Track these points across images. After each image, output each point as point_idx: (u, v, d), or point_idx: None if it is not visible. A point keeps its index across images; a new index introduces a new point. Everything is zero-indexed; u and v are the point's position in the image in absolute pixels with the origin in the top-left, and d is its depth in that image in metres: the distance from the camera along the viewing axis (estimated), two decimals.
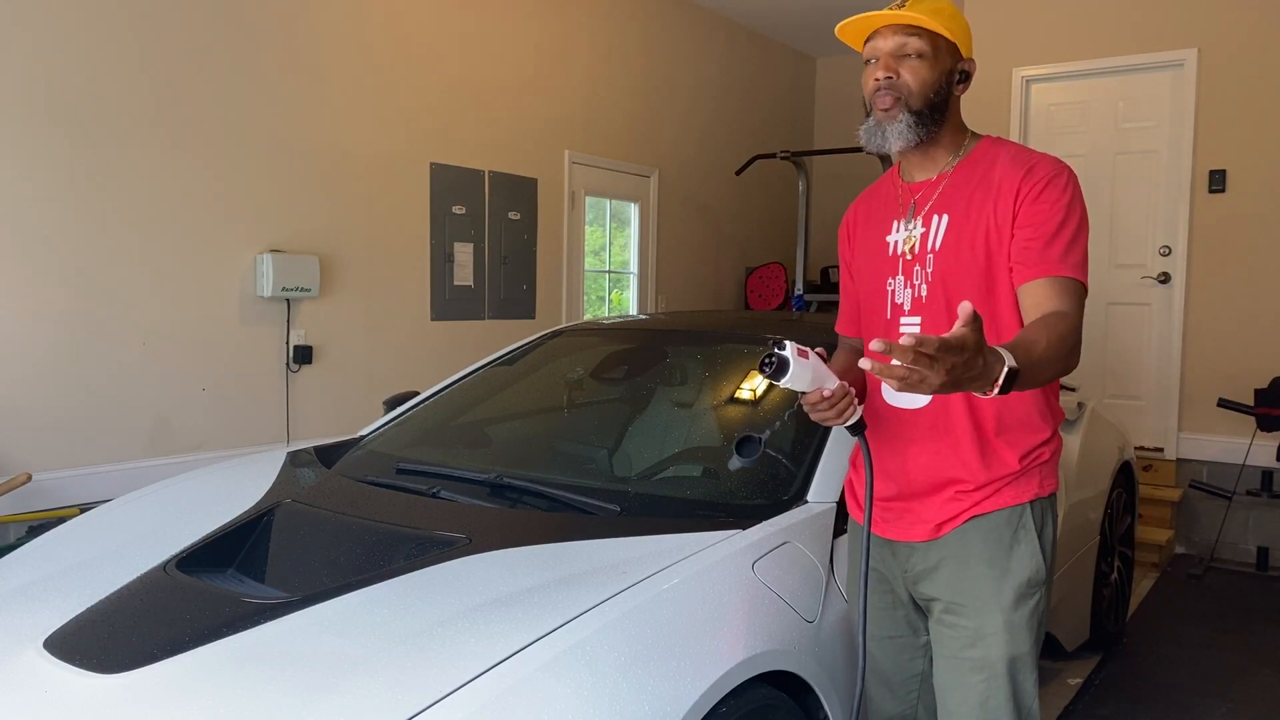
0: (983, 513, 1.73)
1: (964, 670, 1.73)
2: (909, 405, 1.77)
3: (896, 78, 1.69)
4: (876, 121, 1.72)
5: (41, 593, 1.93)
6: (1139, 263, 5.37)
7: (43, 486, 3.70)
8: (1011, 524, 1.72)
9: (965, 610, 1.73)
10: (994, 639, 1.70)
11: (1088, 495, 3.30)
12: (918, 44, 1.69)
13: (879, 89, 1.70)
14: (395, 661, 1.54)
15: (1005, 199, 1.68)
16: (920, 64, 1.69)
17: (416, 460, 2.52)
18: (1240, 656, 3.73)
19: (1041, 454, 1.75)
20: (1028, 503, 1.73)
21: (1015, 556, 1.72)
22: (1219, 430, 5.14)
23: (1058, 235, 1.64)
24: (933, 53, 1.69)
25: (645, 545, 1.90)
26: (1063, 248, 1.63)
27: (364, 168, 4.81)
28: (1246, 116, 5.03)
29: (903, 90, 1.69)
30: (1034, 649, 1.73)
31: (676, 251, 7.09)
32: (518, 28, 5.62)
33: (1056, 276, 1.62)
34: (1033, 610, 1.72)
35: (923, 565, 1.79)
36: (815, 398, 1.60)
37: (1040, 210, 1.65)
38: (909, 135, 1.70)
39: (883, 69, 1.69)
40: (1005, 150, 1.75)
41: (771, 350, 1.54)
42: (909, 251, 1.76)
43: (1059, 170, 1.69)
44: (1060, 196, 1.66)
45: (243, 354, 4.34)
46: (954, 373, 1.27)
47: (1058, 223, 1.64)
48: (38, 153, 3.66)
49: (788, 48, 8.19)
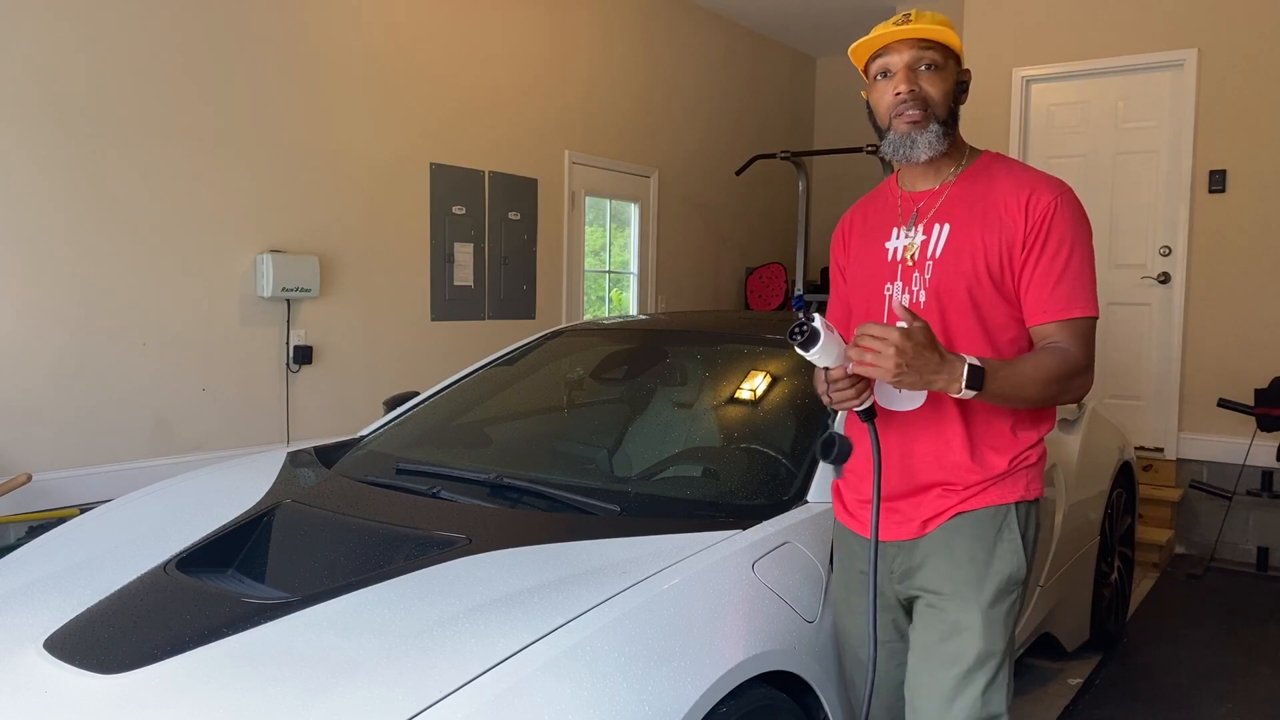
0: (968, 509, 1.76)
1: (936, 664, 1.74)
2: (902, 408, 1.79)
3: (918, 89, 1.73)
4: (902, 134, 1.75)
5: (41, 593, 1.93)
6: (1139, 263, 5.37)
7: (43, 486, 3.69)
8: (996, 521, 1.76)
9: (946, 601, 1.75)
10: (971, 633, 1.72)
11: (1088, 495, 3.30)
12: (933, 55, 1.74)
13: (903, 102, 1.74)
14: (395, 661, 1.54)
15: (1007, 224, 1.73)
16: (936, 74, 1.74)
17: (416, 460, 2.52)
18: (1240, 656, 3.72)
19: (1028, 457, 1.79)
20: (1013, 503, 1.77)
21: (998, 553, 1.75)
22: (1219, 430, 5.14)
23: (1064, 275, 1.71)
24: (944, 61, 1.75)
25: (645, 545, 1.90)
26: (1069, 288, 1.71)
27: (364, 168, 4.81)
28: (1246, 116, 5.03)
29: (927, 101, 1.74)
30: (1008, 652, 1.75)
31: (676, 251, 7.09)
32: (518, 28, 5.62)
33: (1064, 320, 1.71)
34: (1009, 608, 1.75)
35: (909, 563, 1.81)
36: (839, 373, 1.64)
37: (1048, 251, 1.71)
38: (938, 144, 1.75)
39: (904, 83, 1.73)
40: (1005, 168, 1.80)
41: (802, 320, 1.57)
42: (909, 258, 1.80)
43: (1060, 199, 1.73)
44: (1065, 231, 1.71)
45: (243, 354, 4.34)
46: (904, 359, 1.53)
47: (1064, 261, 1.71)
48: (38, 153, 3.66)
49: (788, 48, 8.19)
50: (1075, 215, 1.73)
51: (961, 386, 1.57)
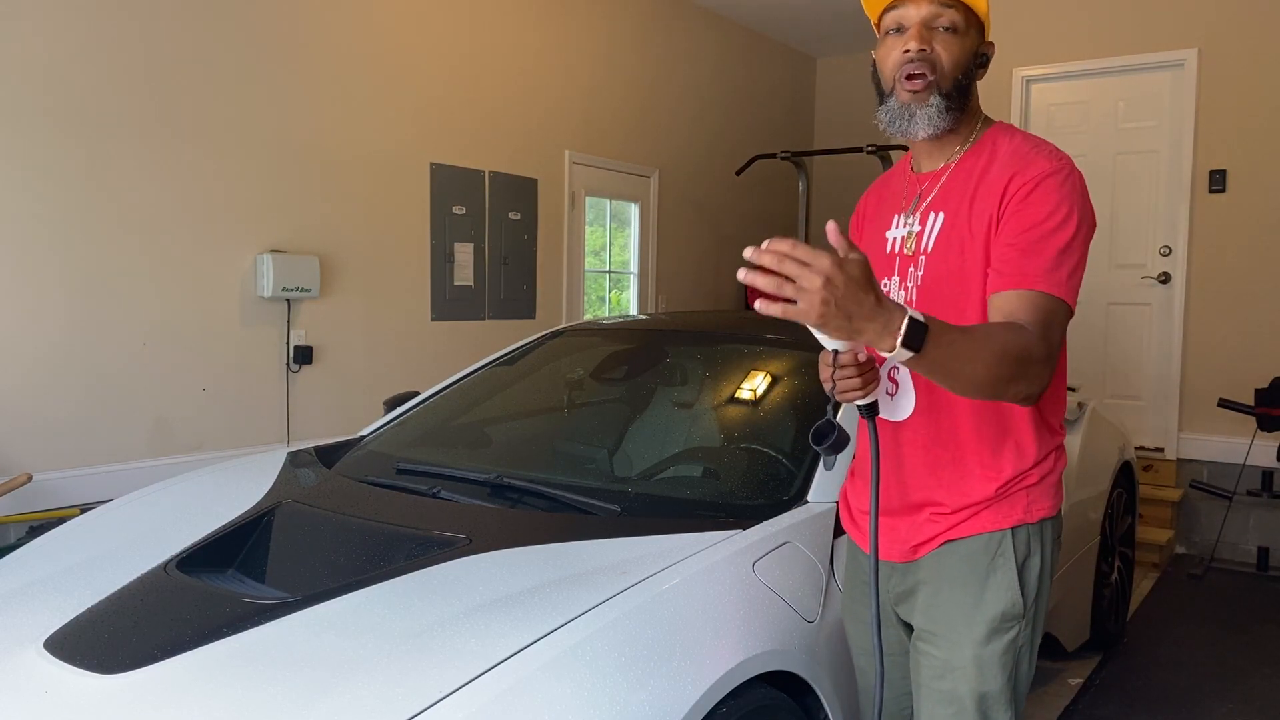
0: (958, 537, 1.60)
1: (934, 701, 1.63)
2: (891, 417, 1.68)
3: (929, 50, 1.53)
4: (902, 104, 1.56)
5: (42, 593, 1.93)
6: (1139, 263, 5.37)
7: (43, 486, 3.69)
8: (989, 551, 1.59)
9: (936, 639, 1.62)
10: (962, 673, 1.59)
11: (1088, 495, 3.30)
12: (953, 15, 1.54)
13: (910, 60, 1.54)
14: (395, 661, 1.54)
15: (992, 200, 1.53)
16: (954, 39, 1.54)
17: (417, 460, 2.52)
18: (1241, 656, 3.72)
19: (1028, 478, 1.60)
20: (1009, 529, 1.59)
21: (990, 587, 1.58)
22: (1219, 430, 5.14)
23: (1041, 244, 1.46)
24: (965, 27, 1.55)
25: (645, 545, 1.90)
26: (1047, 260, 1.45)
27: (364, 168, 4.81)
28: (1246, 116, 5.03)
29: (935, 65, 1.54)
30: (1008, 686, 1.59)
31: (676, 251, 7.08)
32: (518, 28, 5.62)
33: (1029, 290, 1.45)
34: (1007, 646, 1.58)
35: (901, 587, 1.70)
36: (850, 359, 1.46)
37: (1025, 214, 1.48)
38: (939, 122, 1.55)
39: (915, 39, 1.53)
40: (1006, 143, 1.59)
41: None
42: (906, 250, 1.64)
43: (1054, 168, 1.51)
44: (1049, 198, 1.48)
45: (243, 354, 4.34)
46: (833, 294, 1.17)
47: (1044, 230, 1.47)
48: (38, 153, 3.66)
49: (788, 48, 8.19)
50: (1068, 189, 1.49)
51: (896, 344, 1.23)
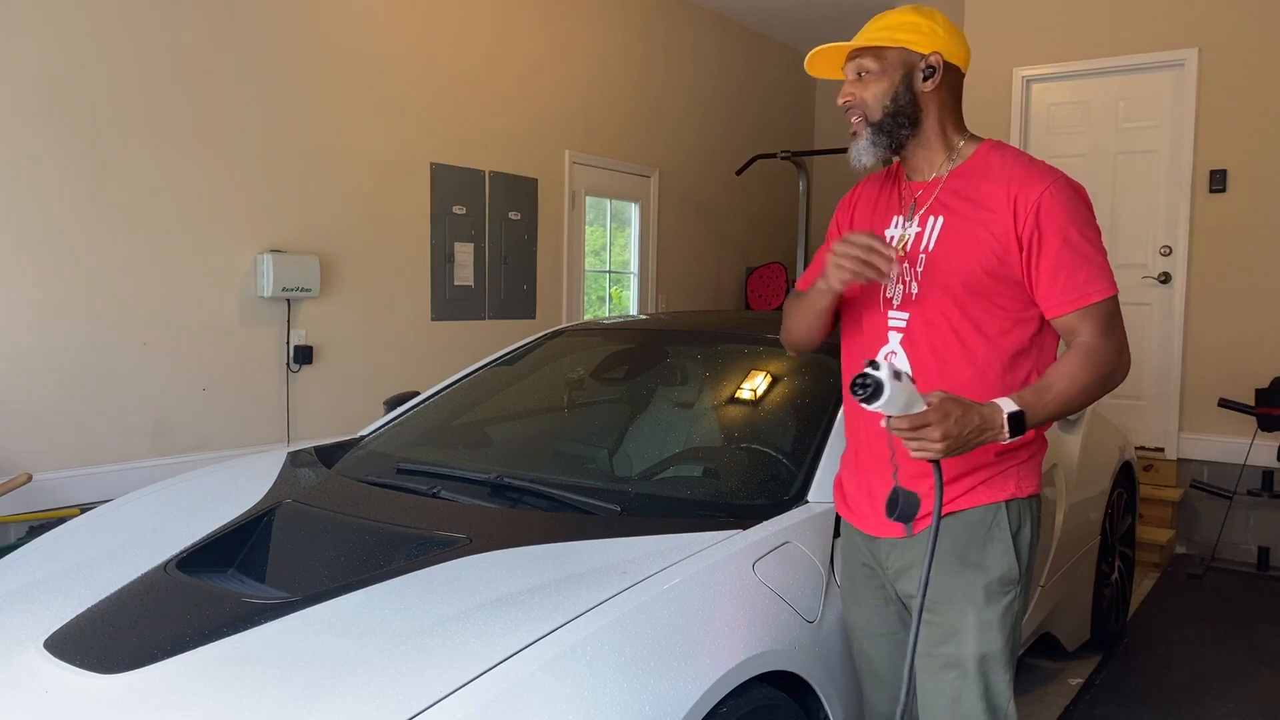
0: (956, 510, 1.75)
1: (937, 668, 1.75)
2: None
3: (853, 97, 1.80)
4: (851, 139, 1.83)
5: (42, 593, 1.93)
6: (1139, 263, 5.37)
7: (43, 486, 3.69)
8: (985, 522, 1.75)
9: (938, 606, 1.76)
10: (965, 636, 1.73)
11: (1088, 495, 3.30)
12: (865, 63, 1.79)
13: (845, 111, 1.82)
14: (395, 661, 1.54)
15: (997, 222, 1.71)
16: (870, 79, 1.78)
17: (417, 460, 2.52)
18: (1241, 656, 3.72)
19: (1018, 456, 1.77)
20: (1003, 502, 1.75)
21: (989, 554, 1.74)
22: (1220, 430, 5.14)
23: (1070, 264, 1.68)
24: (880, 66, 1.77)
25: (646, 545, 1.90)
26: (1079, 276, 1.69)
27: (364, 168, 4.81)
28: (1247, 116, 5.02)
29: (861, 107, 1.79)
30: (1007, 648, 1.75)
31: (676, 251, 7.08)
32: (518, 28, 5.62)
33: (1084, 308, 1.69)
34: (1005, 609, 1.74)
35: (900, 562, 1.81)
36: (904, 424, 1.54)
37: (1046, 245, 1.69)
38: (872, 150, 1.79)
39: (842, 95, 1.82)
40: (1000, 160, 1.77)
41: (866, 373, 1.46)
42: (903, 248, 1.81)
43: (1047, 191, 1.69)
44: (1058, 221, 1.68)
45: (243, 354, 4.34)
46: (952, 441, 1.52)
47: (1066, 251, 1.68)
48: (38, 153, 3.65)
49: (787, 48, 8.19)
50: (1066, 202, 1.69)
51: (1006, 435, 1.57)
